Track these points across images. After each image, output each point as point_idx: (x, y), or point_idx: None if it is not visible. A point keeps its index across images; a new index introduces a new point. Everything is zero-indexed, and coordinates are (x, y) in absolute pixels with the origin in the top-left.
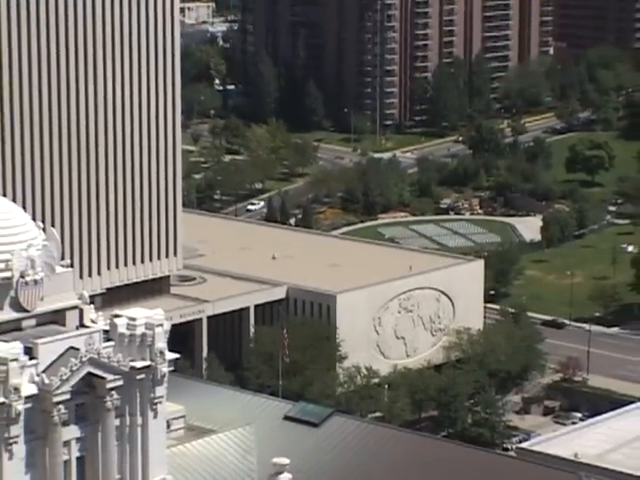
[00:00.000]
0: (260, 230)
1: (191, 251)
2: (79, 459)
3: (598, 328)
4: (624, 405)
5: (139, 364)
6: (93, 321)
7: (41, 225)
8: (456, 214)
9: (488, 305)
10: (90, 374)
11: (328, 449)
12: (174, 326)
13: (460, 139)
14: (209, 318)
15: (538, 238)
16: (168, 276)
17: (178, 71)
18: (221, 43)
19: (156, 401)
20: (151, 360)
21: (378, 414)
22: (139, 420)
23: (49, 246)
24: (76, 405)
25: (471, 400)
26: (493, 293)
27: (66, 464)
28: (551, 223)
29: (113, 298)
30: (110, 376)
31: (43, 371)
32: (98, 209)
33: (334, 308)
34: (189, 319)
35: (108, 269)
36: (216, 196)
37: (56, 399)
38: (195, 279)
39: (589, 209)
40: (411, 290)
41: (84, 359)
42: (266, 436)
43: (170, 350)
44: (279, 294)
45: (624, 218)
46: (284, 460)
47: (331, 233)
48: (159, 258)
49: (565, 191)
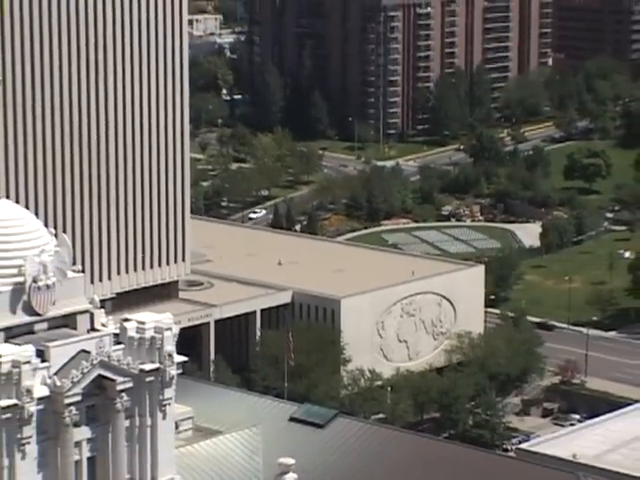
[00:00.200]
0: (266, 236)
1: (199, 257)
2: (90, 459)
3: (596, 332)
4: (621, 407)
5: (148, 367)
6: (103, 325)
7: (53, 231)
8: (457, 221)
9: (488, 309)
10: (101, 376)
11: (333, 450)
12: (182, 330)
13: (461, 147)
14: (216, 322)
15: (537, 244)
16: (176, 281)
17: (186, 81)
18: (228, 54)
19: (165, 403)
20: (160, 363)
21: (381, 416)
22: (148, 421)
23: (61, 252)
24: (87, 406)
25: (472, 402)
26: (493, 298)
27: (77, 464)
28: (550, 229)
29: (123, 302)
30: (120, 378)
31: (55, 373)
32: (108, 216)
33: (338, 312)
34: (197, 323)
35: (118, 274)
36: (223, 203)
37: (67, 401)
38: (203, 284)
39: (587, 216)
40: (413, 295)
41: (95, 362)
42: (272, 437)
43: (178, 353)
44: (285, 299)
45: (621, 225)
46: (290, 460)
47: (335, 239)
48: (168, 263)
49: (563, 198)
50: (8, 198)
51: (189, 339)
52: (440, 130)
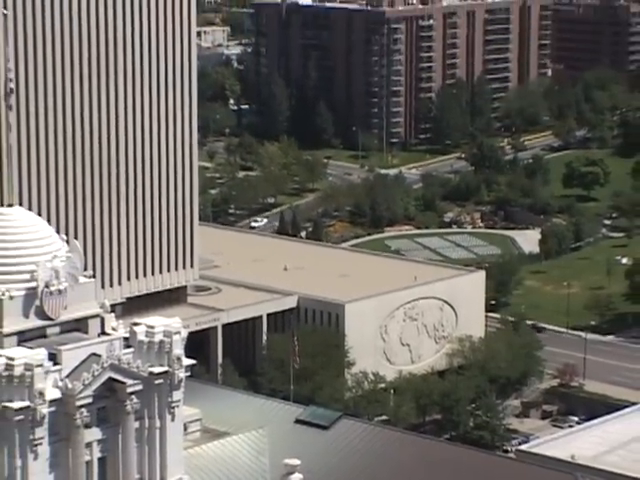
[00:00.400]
0: (272, 242)
1: (207, 262)
2: (100, 460)
3: (594, 336)
4: (619, 409)
5: (157, 370)
6: (114, 329)
7: (65, 238)
8: (459, 227)
9: (489, 314)
10: (111, 379)
11: (337, 451)
12: (191, 334)
13: (462, 156)
14: (224, 326)
15: (536, 250)
16: (185, 286)
17: (195, 91)
18: (236, 65)
19: (174, 405)
20: (169, 366)
21: (384, 417)
22: (157, 423)
23: (72, 258)
24: (98, 408)
25: (473, 404)
26: (494, 302)
27: (88, 464)
28: (549, 236)
29: (133, 307)
30: (130, 381)
31: (66, 376)
32: (119, 223)
33: (343, 317)
34: (205, 327)
35: (128, 279)
36: (231, 210)
37: (79, 403)
38: (210, 289)
39: (585, 223)
40: (416, 300)
41: (105, 365)
42: (278, 438)
43: (187, 356)
44: (290, 303)
45: (618, 231)
46: (295, 461)
47: (340, 245)
48: (176, 269)
49: (562, 206)
50: (21, 205)
51: (197, 343)
52: (442, 139)
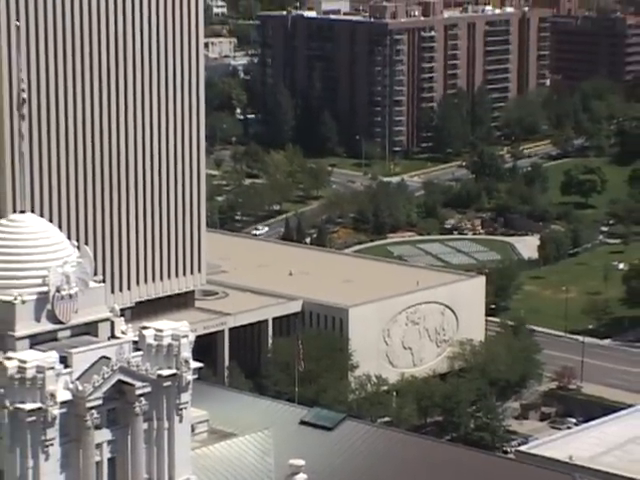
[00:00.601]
0: (278, 248)
1: (214, 268)
2: (110, 460)
3: (591, 340)
4: (616, 411)
5: (166, 372)
6: (123, 332)
7: (75, 244)
8: (459, 234)
9: (489, 318)
10: (120, 381)
11: (341, 451)
12: (198, 337)
13: (463, 164)
14: (230, 330)
15: (535, 256)
16: (193, 291)
17: (202, 101)
18: (242, 75)
19: (181, 406)
20: (177, 369)
21: (387, 419)
22: (166, 424)
23: (83, 263)
24: (107, 410)
25: (473, 406)
26: (494, 307)
27: (98, 465)
28: (547, 242)
29: (142, 311)
30: (139, 383)
31: (77, 379)
32: (128, 229)
33: (346, 321)
34: (212, 331)
35: (137, 284)
36: (237, 217)
37: (89, 404)
38: (218, 294)
39: (583, 229)
40: (418, 304)
41: (115, 367)
42: (283, 439)
43: (194, 359)
44: (295, 308)
45: (615, 238)
46: (300, 462)
47: (344, 251)
48: (184, 274)
49: (560, 212)
50: (33, 212)
51: (204, 346)
52: (443, 148)
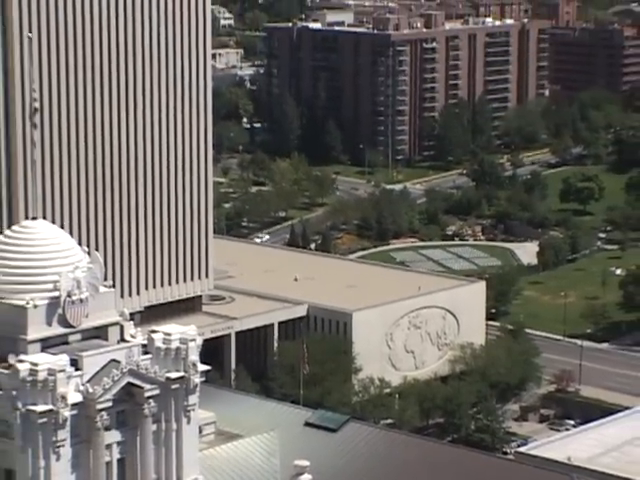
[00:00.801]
0: (283, 254)
1: (221, 273)
2: (119, 461)
3: (589, 343)
4: (613, 413)
5: (174, 375)
6: (132, 336)
7: (86, 249)
8: (460, 240)
9: (489, 322)
10: (130, 384)
11: (345, 452)
12: (205, 341)
13: (464, 172)
14: (237, 334)
15: (535, 262)
16: (200, 296)
17: (210, 110)
18: (249, 85)
19: (189, 408)
20: (185, 371)
21: (390, 421)
22: (174, 426)
23: (93, 268)
24: (117, 412)
25: (474, 408)
26: (494, 311)
27: (108, 465)
28: (546, 248)
29: (151, 315)
30: (148, 386)
31: (87, 381)
32: (137, 235)
33: (350, 325)
34: (219, 334)
35: (146, 289)
36: (244, 223)
37: (99, 406)
38: (225, 298)
39: (581, 236)
40: (420, 309)
41: (124, 370)
42: (288, 440)
43: (202, 362)
44: (300, 312)
45: (613, 244)
46: (305, 462)
47: (348, 257)
48: (192, 279)
49: (559, 219)
50: (45, 219)
51: (212, 350)
52: (444, 156)
